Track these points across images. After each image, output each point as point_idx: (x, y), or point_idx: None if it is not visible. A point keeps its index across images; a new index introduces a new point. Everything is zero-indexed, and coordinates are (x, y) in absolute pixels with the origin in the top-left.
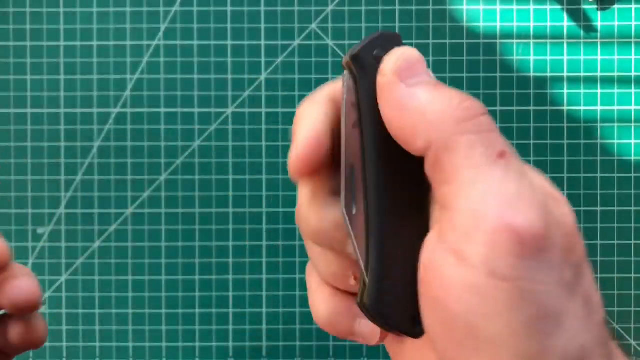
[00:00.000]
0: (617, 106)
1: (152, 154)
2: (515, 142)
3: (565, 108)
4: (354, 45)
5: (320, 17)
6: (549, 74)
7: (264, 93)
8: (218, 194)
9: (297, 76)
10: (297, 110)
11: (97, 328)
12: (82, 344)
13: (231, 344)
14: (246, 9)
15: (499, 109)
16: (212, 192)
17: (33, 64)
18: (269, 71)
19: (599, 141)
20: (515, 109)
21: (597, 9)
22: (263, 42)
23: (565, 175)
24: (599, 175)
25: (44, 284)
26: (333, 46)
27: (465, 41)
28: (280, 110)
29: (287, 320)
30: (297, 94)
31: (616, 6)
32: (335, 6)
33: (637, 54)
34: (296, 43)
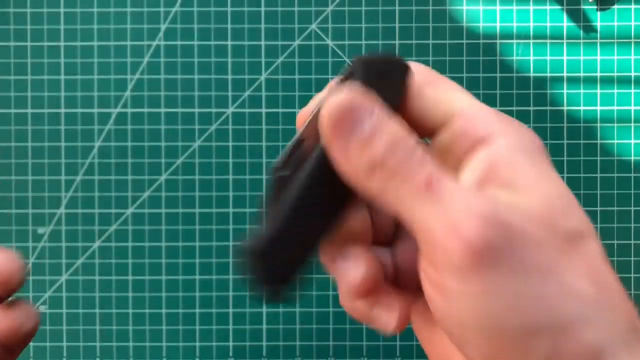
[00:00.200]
0: (616, 106)
1: (153, 154)
2: None
3: (565, 108)
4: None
5: (320, 18)
6: (548, 74)
7: (264, 93)
8: (218, 194)
9: (297, 76)
10: (297, 115)
11: (98, 328)
12: (82, 343)
13: (231, 343)
14: (246, 9)
15: (499, 109)
16: (212, 192)
17: (33, 64)
18: (269, 71)
19: (599, 141)
20: (515, 109)
21: (597, 9)
22: (263, 43)
23: (565, 175)
24: (599, 175)
25: (44, 284)
26: (333, 46)
27: (465, 41)
28: (281, 111)
29: (287, 320)
30: (297, 94)
31: (616, 6)
32: (335, 6)
33: (636, 54)
34: (296, 43)
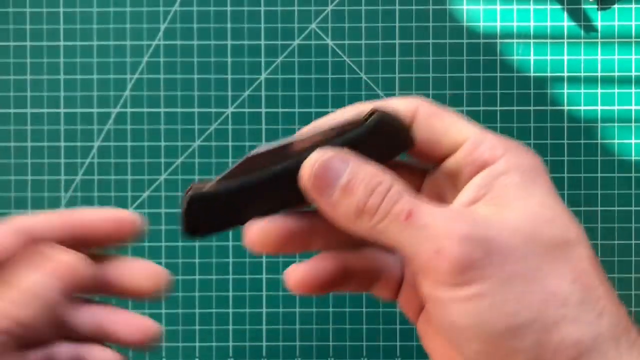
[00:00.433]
0: (617, 106)
1: (152, 153)
2: None
3: (566, 108)
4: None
5: (320, 17)
6: (549, 74)
7: (263, 93)
8: None
9: (297, 76)
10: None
11: None
12: None
13: (231, 344)
14: (246, 8)
15: (499, 109)
16: None
17: (33, 64)
18: (268, 71)
19: (599, 141)
20: (516, 108)
21: (598, 8)
22: (263, 42)
23: (565, 175)
24: (599, 175)
25: None
26: (333, 46)
27: (465, 41)
28: (280, 110)
29: (287, 320)
30: (297, 94)
31: (616, 6)
32: (335, 6)
33: (637, 53)
34: (296, 43)
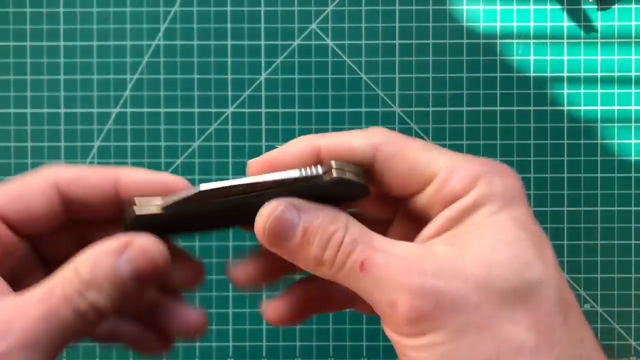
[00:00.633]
0: (617, 106)
1: (152, 154)
2: (516, 142)
3: (566, 108)
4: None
5: (320, 17)
6: (549, 74)
7: (263, 93)
8: None
9: (297, 76)
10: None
11: None
12: (82, 343)
13: (231, 344)
14: (246, 9)
15: (499, 109)
16: None
17: (33, 64)
18: (268, 71)
19: (599, 141)
20: (515, 109)
21: (597, 9)
22: (263, 42)
23: (565, 175)
24: (599, 175)
25: None
26: (333, 46)
27: (465, 41)
28: (280, 111)
29: None
30: (297, 94)
31: (616, 6)
32: (335, 6)
33: (637, 54)
34: (296, 43)
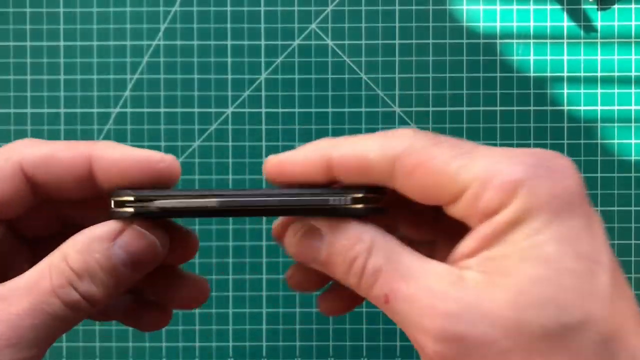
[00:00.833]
0: (617, 106)
1: None
2: (516, 142)
3: (566, 108)
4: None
5: (320, 17)
6: (549, 74)
7: (263, 93)
8: None
9: (297, 76)
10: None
11: (97, 328)
12: (82, 344)
13: (231, 344)
14: (246, 9)
15: (499, 109)
16: None
17: (33, 64)
18: (268, 71)
19: (599, 141)
20: (515, 109)
21: (597, 9)
22: (263, 42)
23: None
24: (599, 175)
25: None
26: (333, 46)
27: (465, 41)
28: (280, 110)
29: (287, 320)
30: (297, 94)
31: (616, 6)
32: (335, 6)
33: (637, 54)
34: (296, 43)
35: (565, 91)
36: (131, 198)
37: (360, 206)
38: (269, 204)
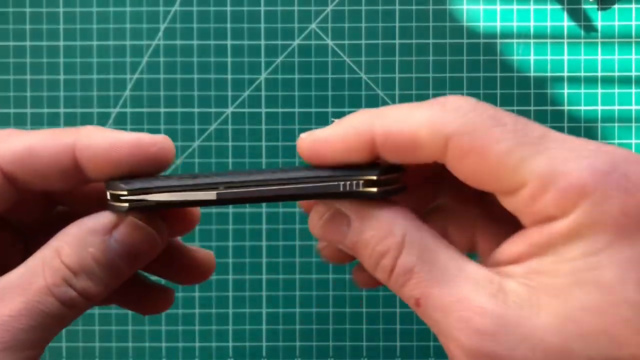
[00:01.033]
0: (617, 106)
1: None
2: None
3: (566, 108)
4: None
5: (320, 17)
6: (549, 74)
7: (263, 93)
8: None
9: (296, 76)
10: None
11: (97, 328)
12: (81, 344)
13: (231, 344)
14: (246, 8)
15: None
16: None
17: (32, 64)
18: (268, 71)
19: (600, 141)
20: (516, 108)
21: (598, 8)
22: (263, 42)
23: None
24: None
25: None
26: (333, 46)
27: (465, 41)
28: (280, 110)
29: (287, 320)
30: (296, 93)
31: (616, 6)
32: (335, 6)
33: (637, 53)
34: (296, 43)
35: (566, 91)
36: (125, 192)
37: (374, 190)
38: (268, 194)
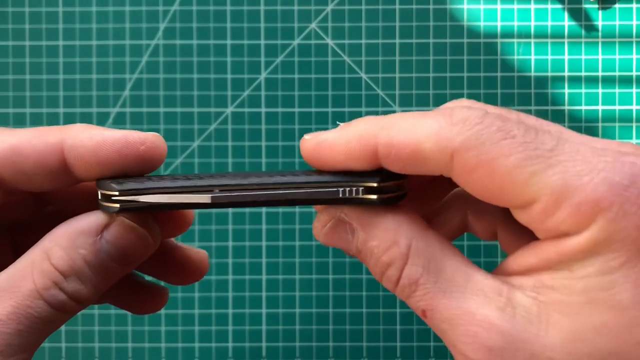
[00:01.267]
0: (618, 106)
1: None
2: None
3: (567, 108)
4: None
5: (320, 17)
6: (549, 74)
7: (263, 93)
8: None
9: (296, 76)
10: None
11: (97, 329)
12: (81, 344)
13: (231, 344)
14: (245, 8)
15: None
16: None
17: (32, 64)
18: (268, 71)
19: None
20: (516, 108)
21: (598, 8)
22: (262, 42)
23: None
24: None
25: None
26: (333, 45)
27: (465, 40)
28: (280, 110)
29: (286, 320)
30: (296, 93)
31: (617, 5)
32: (335, 5)
33: (638, 53)
34: (296, 42)
35: (567, 91)
36: (116, 193)
37: (374, 197)
38: (264, 198)
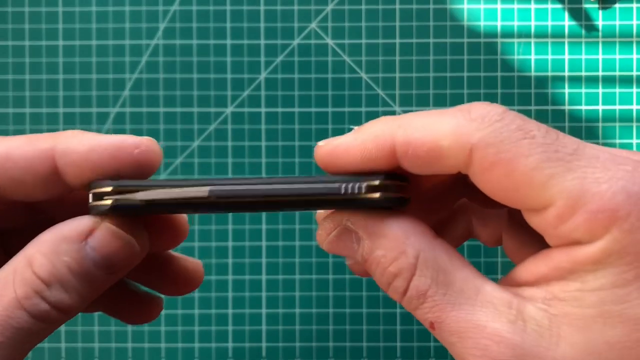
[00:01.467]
0: (618, 105)
1: None
2: None
3: (567, 107)
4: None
5: (320, 17)
6: (550, 73)
7: (263, 93)
8: None
9: (296, 76)
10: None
11: (97, 329)
12: (80, 344)
13: (230, 344)
14: (245, 8)
15: None
16: None
17: (31, 64)
18: (268, 70)
19: (601, 141)
20: (516, 108)
21: (599, 8)
22: (262, 42)
23: None
24: None
25: None
26: (333, 45)
27: (465, 40)
28: (280, 110)
29: (286, 321)
30: (296, 93)
31: (618, 5)
32: (335, 5)
33: (638, 53)
34: (296, 42)
35: (567, 90)
36: (109, 189)
37: (377, 195)
38: (265, 192)
